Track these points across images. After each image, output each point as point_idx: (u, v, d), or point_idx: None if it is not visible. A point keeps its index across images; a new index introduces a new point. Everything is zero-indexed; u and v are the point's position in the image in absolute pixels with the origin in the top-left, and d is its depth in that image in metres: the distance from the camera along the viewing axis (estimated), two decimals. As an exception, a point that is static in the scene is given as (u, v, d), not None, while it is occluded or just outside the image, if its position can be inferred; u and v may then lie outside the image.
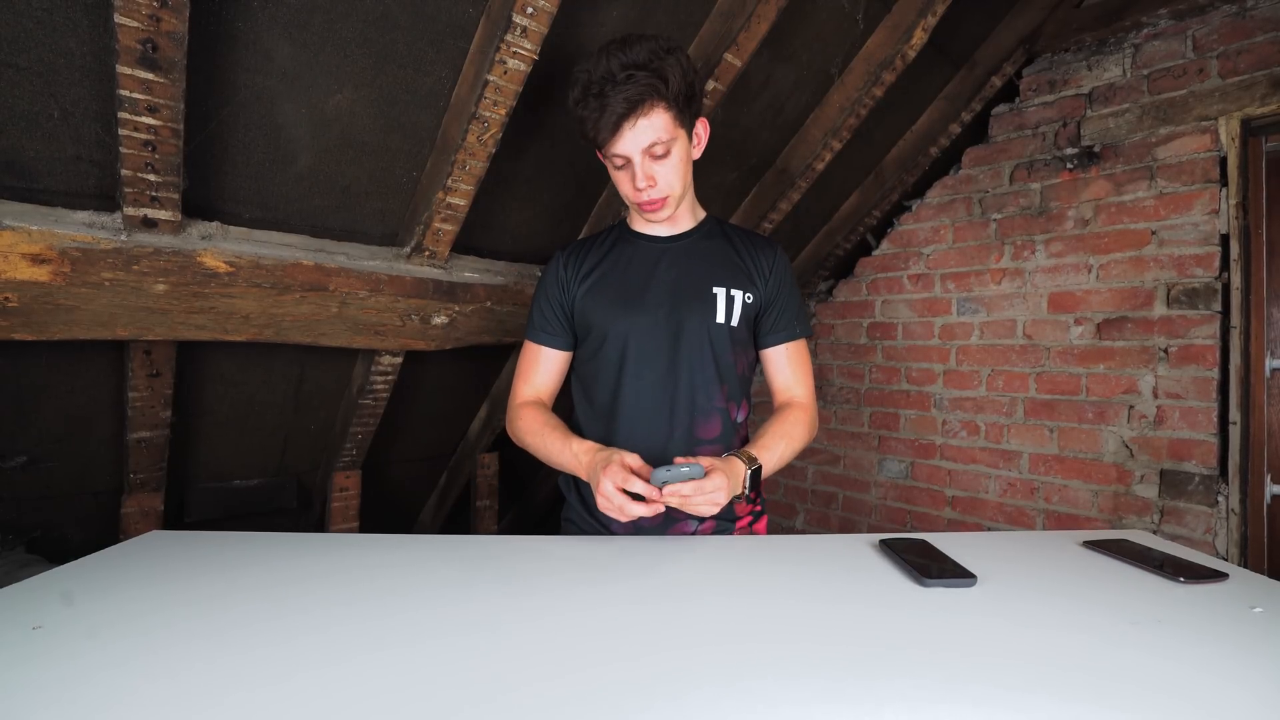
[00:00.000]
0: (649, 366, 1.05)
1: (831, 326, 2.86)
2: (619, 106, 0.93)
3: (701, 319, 1.05)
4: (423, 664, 0.56)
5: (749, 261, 1.10)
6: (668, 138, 0.97)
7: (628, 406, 1.06)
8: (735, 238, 1.13)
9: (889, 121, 2.23)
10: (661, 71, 0.93)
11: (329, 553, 0.86)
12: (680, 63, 0.96)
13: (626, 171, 1.00)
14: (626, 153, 0.97)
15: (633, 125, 0.95)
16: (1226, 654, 0.60)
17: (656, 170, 0.99)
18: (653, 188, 0.99)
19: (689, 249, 1.10)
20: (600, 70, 0.94)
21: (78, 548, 0.87)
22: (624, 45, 0.95)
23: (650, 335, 1.05)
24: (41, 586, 0.71)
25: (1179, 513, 1.93)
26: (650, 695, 0.51)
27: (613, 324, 1.06)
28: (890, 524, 2.63)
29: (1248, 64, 1.83)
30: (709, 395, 1.06)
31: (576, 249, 1.15)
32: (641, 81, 0.92)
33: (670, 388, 1.05)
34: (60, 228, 1.10)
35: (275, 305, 1.37)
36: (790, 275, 1.12)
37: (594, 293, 1.09)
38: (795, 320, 1.11)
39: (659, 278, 1.08)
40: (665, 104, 0.95)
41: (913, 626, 0.65)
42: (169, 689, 0.51)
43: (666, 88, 0.94)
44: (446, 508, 2.37)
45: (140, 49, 0.97)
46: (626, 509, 0.84)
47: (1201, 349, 1.90)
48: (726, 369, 1.07)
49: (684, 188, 1.04)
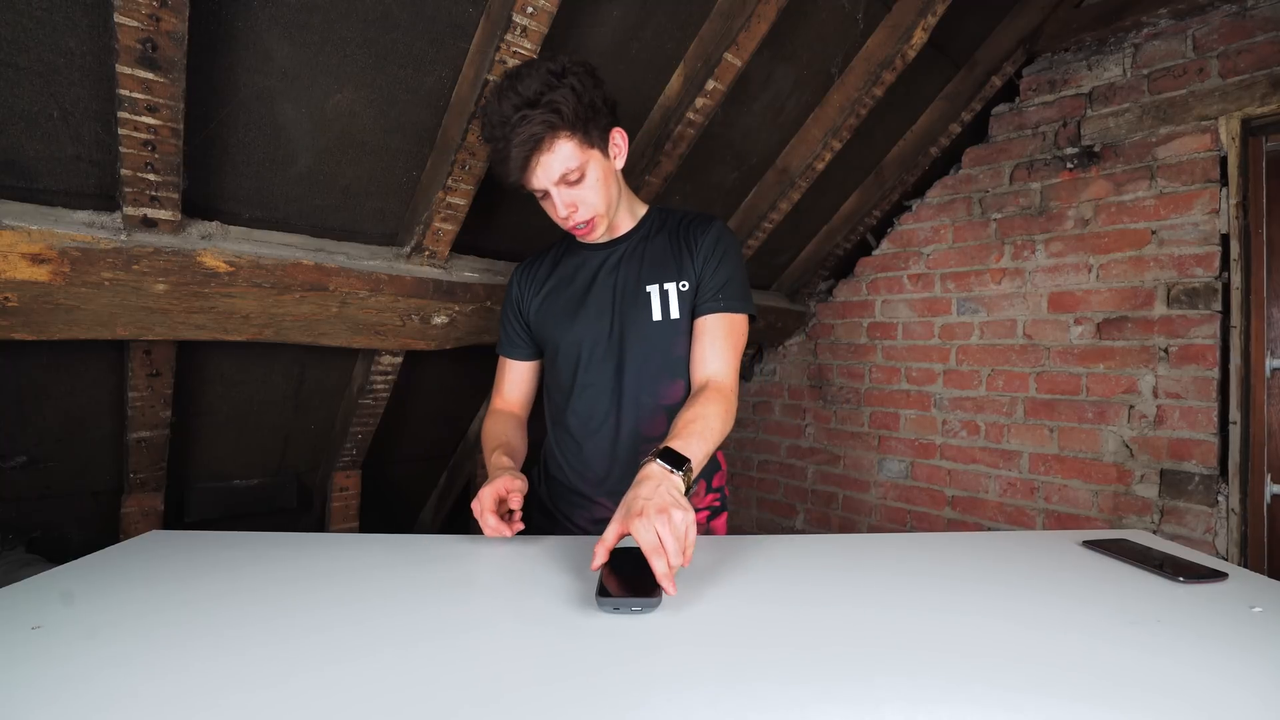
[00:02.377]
0: (596, 373, 1.08)
1: (831, 326, 2.85)
2: (519, 149, 0.93)
3: (638, 320, 1.07)
4: (422, 664, 0.56)
5: (683, 248, 1.08)
6: (577, 164, 0.97)
7: (578, 414, 1.10)
8: (672, 227, 1.11)
9: (889, 121, 2.23)
10: (553, 104, 0.92)
11: (329, 553, 0.86)
12: (573, 85, 0.94)
13: (549, 202, 1.01)
14: (541, 187, 0.98)
15: (539, 162, 0.95)
16: (1226, 654, 0.59)
17: (576, 196, 0.99)
18: (576, 213, 1.00)
19: (627, 253, 1.11)
20: (495, 115, 0.95)
21: (78, 548, 0.87)
22: (515, 81, 0.94)
23: (595, 343, 1.08)
24: (41, 586, 0.71)
25: (1179, 512, 1.93)
26: (654, 698, 0.51)
27: (562, 335, 1.10)
28: (890, 524, 2.63)
29: (1248, 64, 1.83)
30: (655, 394, 1.07)
31: (529, 265, 1.19)
32: (535, 120, 0.91)
33: (616, 391, 1.08)
34: (60, 227, 1.09)
35: (275, 305, 1.37)
36: (725, 248, 1.07)
37: (545, 306, 1.13)
38: (721, 293, 1.04)
39: (599, 285, 1.10)
40: (566, 132, 0.95)
41: (913, 626, 0.65)
42: (169, 689, 0.51)
43: (561, 118, 0.93)
44: (446, 508, 2.37)
45: (140, 48, 0.97)
46: (488, 521, 0.90)
47: (1201, 349, 1.90)
48: (675, 362, 1.07)
49: (610, 203, 1.04)
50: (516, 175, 0.96)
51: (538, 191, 1.00)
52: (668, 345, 1.06)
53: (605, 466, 1.09)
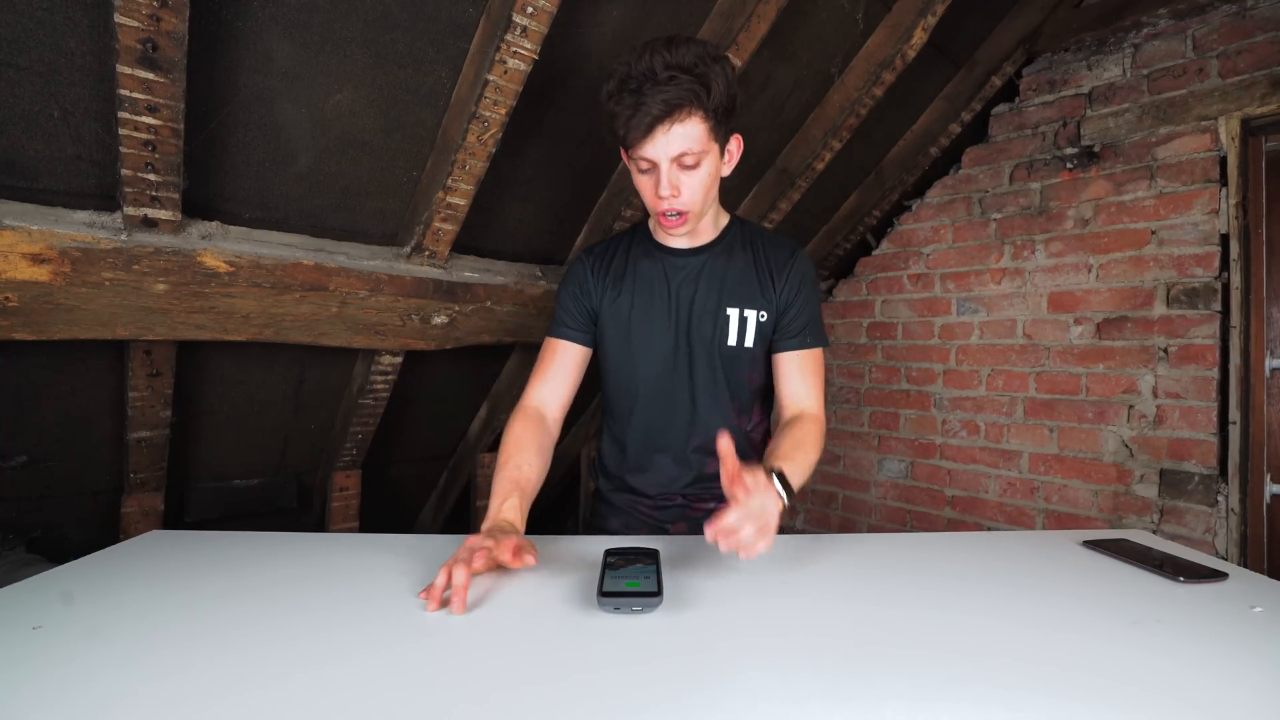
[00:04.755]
0: (665, 385, 1.07)
1: (831, 326, 2.85)
2: (655, 108, 0.87)
3: (711, 341, 1.05)
4: (423, 663, 0.56)
5: (765, 274, 1.06)
6: (700, 149, 0.91)
7: (644, 425, 1.09)
8: (756, 246, 1.09)
9: (889, 121, 2.23)
10: (705, 78, 0.88)
11: (329, 553, 0.86)
12: (725, 73, 0.91)
13: (651, 176, 0.95)
14: (655, 157, 0.91)
15: (667, 130, 0.89)
16: (1226, 654, 0.59)
17: (683, 180, 0.94)
18: (675, 198, 0.94)
19: (707, 266, 1.07)
20: (641, 66, 0.88)
21: (78, 548, 0.87)
22: (669, 45, 0.88)
23: (667, 355, 1.06)
24: (41, 586, 0.71)
25: (1179, 512, 1.93)
26: (654, 697, 0.51)
27: (629, 342, 1.07)
28: (890, 524, 2.63)
29: (1248, 64, 1.83)
30: (724, 415, 1.07)
31: (602, 255, 1.12)
32: (684, 85, 0.86)
33: (688, 407, 1.07)
34: (60, 227, 1.10)
35: (275, 305, 1.37)
36: (808, 281, 1.07)
37: (615, 308, 1.08)
38: (807, 329, 1.05)
39: (679, 295, 1.06)
40: (704, 113, 0.90)
41: (913, 626, 0.65)
42: (169, 689, 0.51)
43: (708, 96, 0.88)
44: (446, 508, 2.37)
45: (140, 49, 0.97)
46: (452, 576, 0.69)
47: (1201, 349, 1.90)
48: (738, 387, 1.07)
49: (707, 203, 1.00)
50: (637, 136, 0.89)
51: (645, 162, 0.93)
52: (734, 368, 1.06)
53: (672, 475, 1.10)
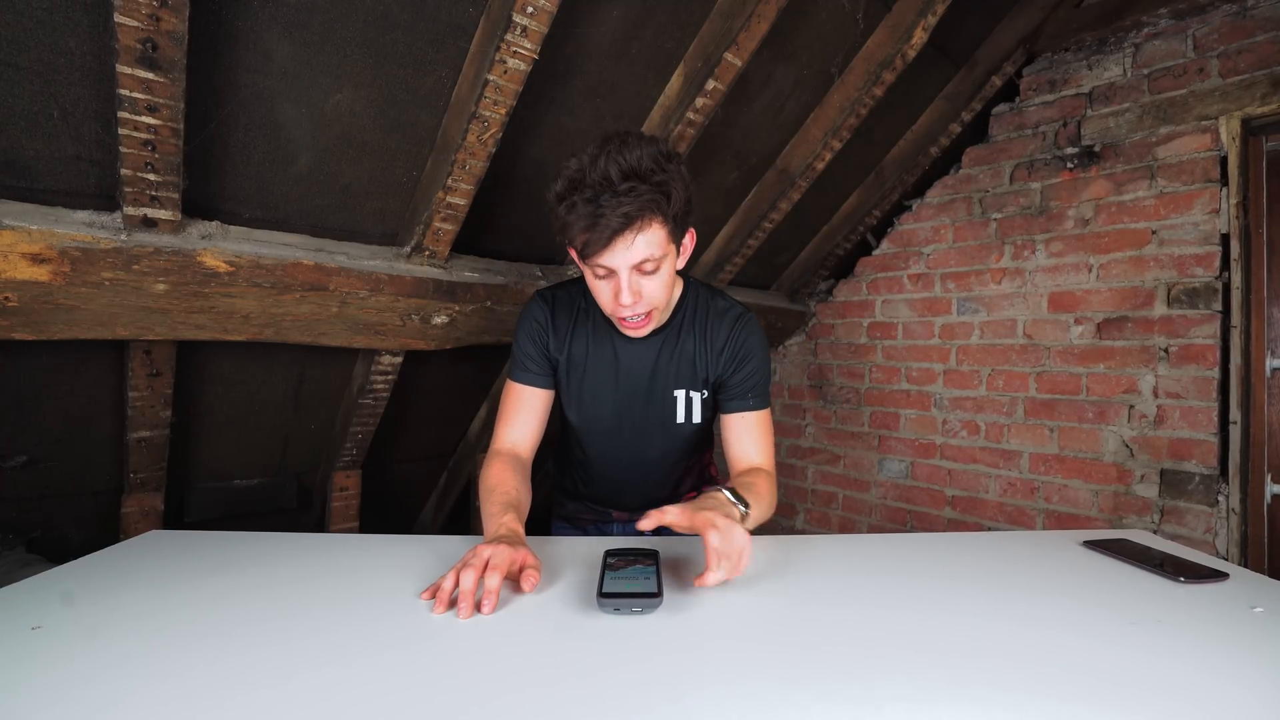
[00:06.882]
0: (620, 450, 1.12)
1: (831, 326, 2.85)
2: (615, 220, 0.83)
3: (661, 421, 1.08)
4: (424, 664, 0.56)
5: (708, 348, 1.06)
6: (660, 254, 0.89)
7: (600, 478, 1.17)
8: (701, 324, 1.07)
9: (889, 121, 2.23)
10: (665, 186, 0.85)
11: (329, 553, 0.86)
12: (682, 174, 0.89)
13: (609, 282, 0.91)
14: (614, 266, 0.88)
15: (629, 242, 0.86)
16: (1226, 654, 0.60)
17: (644, 285, 0.91)
18: (638, 304, 0.92)
19: (658, 351, 1.06)
20: (596, 174, 0.84)
21: (78, 548, 0.87)
22: (623, 147, 0.85)
23: (621, 427, 1.09)
24: (41, 586, 0.71)
25: (1179, 512, 1.93)
26: (655, 697, 0.51)
27: (590, 409, 1.09)
28: (890, 524, 2.63)
29: (1248, 63, 1.83)
30: (675, 475, 1.16)
31: (557, 307, 1.09)
32: (644, 196, 0.84)
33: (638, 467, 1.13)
34: (60, 227, 1.09)
35: (275, 305, 1.37)
36: (752, 351, 1.05)
37: (569, 365, 1.08)
38: (751, 393, 1.04)
39: (633, 374, 1.07)
40: (662, 219, 0.87)
41: (914, 626, 0.65)
42: (169, 689, 0.51)
43: (667, 203, 0.86)
44: (446, 508, 2.37)
45: (140, 48, 0.97)
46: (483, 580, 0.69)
47: (1202, 348, 1.90)
48: (691, 450, 1.15)
49: (668, 302, 1.00)
50: (596, 248, 0.86)
51: (602, 269, 0.90)
52: (687, 440, 1.11)
53: (634, 503, 1.18)
